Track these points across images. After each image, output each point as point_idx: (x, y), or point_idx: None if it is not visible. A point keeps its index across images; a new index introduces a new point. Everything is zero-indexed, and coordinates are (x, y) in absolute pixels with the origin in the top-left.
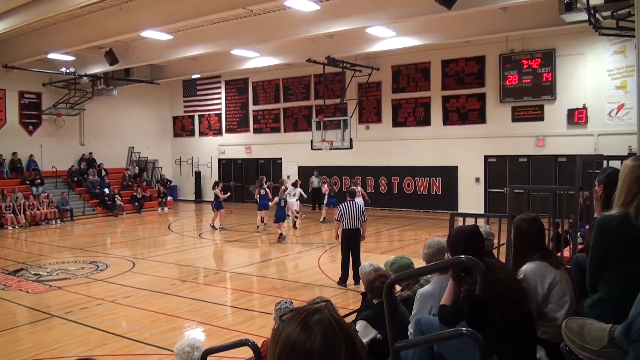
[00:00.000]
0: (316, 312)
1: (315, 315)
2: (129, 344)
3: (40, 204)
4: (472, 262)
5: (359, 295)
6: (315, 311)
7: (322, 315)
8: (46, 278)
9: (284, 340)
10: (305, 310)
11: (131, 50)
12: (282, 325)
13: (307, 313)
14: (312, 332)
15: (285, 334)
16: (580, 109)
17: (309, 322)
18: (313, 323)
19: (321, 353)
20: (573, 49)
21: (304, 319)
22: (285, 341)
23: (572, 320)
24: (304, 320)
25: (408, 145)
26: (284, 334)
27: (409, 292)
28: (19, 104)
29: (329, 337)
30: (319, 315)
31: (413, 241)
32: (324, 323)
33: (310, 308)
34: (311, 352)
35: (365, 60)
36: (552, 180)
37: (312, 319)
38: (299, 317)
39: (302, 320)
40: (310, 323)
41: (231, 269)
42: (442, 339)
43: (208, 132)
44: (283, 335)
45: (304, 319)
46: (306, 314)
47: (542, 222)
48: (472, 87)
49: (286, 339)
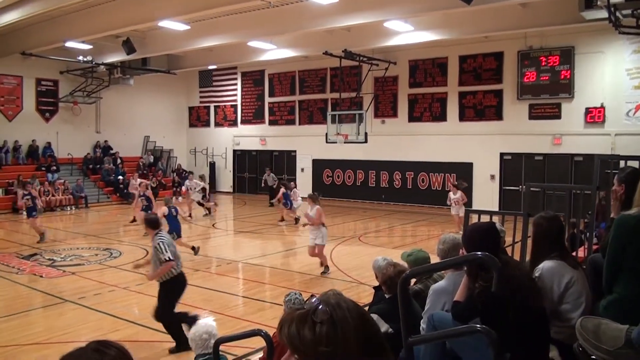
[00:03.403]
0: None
1: (345, 303)
2: (140, 331)
3: (56, 190)
4: (488, 258)
5: (372, 289)
6: (339, 294)
7: (349, 300)
8: (60, 263)
9: (350, 323)
10: (334, 299)
11: (148, 40)
12: (293, 324)
13: (339, 300)
14: (364, 310)
15: (344, 317)
16: (598, 107)
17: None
18: (346, 303)
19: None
20: (592, 47)
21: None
22: (347, 319)
23: (587, 319)
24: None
25: (423, 141)
26: (344, 317)
27: (421, 285)
28: (36, 91)
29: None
30: (348, 301)
31: (426, 237)
32: (357, 304)
33: (328, 296)
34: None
35: (382, 54)
36: (568, 179)
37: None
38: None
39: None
40: (345, 304)
41: (243, 259)
42: (455, 335)
43: (223, 123)
44: (343, 319)
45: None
46: (342, 297)
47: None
48: (490, 83)
49: (347, 319)
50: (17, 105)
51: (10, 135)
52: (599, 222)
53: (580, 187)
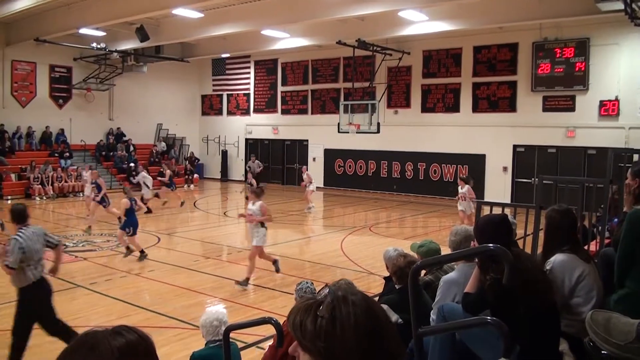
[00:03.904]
0: (351, 287)
1: (353, 296)
2: (151, 317)
3: (69, 176)
4: (500, 250)
5: (382, 280)
6: (350, 284)
7: (359, 293)
8: (72, 249)
9: (351, 319)
10: (341, 292)
11: (162, 28)
12: (305, 315)
13: (347, 294)
14: (372, 304)
15: (346, 313)
16: (612, 100)
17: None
18: (359, 300)
19: (386, 320)
20: (607, 39)
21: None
22: (355, 318)
23: (597, 313)
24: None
25: (436, 132)
26: (346, 314)
27: (431, 276)
28: (49, 77)
29: (376, 308)
30: (357, 295)
31: (437, 228)
32: (367, 297)
33: (338, 287)
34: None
35: (396, 44)
36: (581, 172)
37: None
38: (346, 297)
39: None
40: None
41: None
42: (466, 327)
43: (236, 112)
44: (345, 315)
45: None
46: (350, 290)
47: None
48: (504, 74)
49: (350, 316)
50: (30, 92)
51: (24, 121)
52: (612, 216)
53: (593, 181)
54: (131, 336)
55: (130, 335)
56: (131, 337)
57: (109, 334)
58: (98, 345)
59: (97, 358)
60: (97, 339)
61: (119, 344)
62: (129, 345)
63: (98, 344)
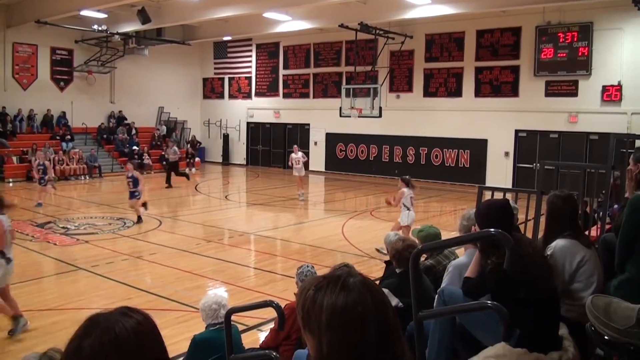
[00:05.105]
0: (350, 275)
1: (351, 278)
2: (152, 299)
3: (70, 159)
4: (501, 235)
5: (382, 264)
6: (349, 274)
7: (358, 277)
8: (74, 232)
9: (330, 307)
10: (339, 275)
11: (163, 10)
12: (319, 294)
13: (344, 277)
14: (360, 293)
15: (329, 300)
16: (615, 86)
17: (350, 285)
18: (354, 285)
19: (376, 311)
20: (611, 23)
21: (343, 283)
22: (332, 308)
23: (598, 298)
24: (344, 284)
25: (438, 116)
26: (328, 301)
27: (432, 261)
28: (50, 60)
29: (376, 295)
30: (356, 278)
31: (438, 212)
32: (366, 283)
33: (343, 272)
34: (367, 312)
35: (399, 27)
36: (583, 157)
37: (351, 282)
38: (337, 282)
39: (342, 285)
40: (353, 286)
41: (256, 231)
42: (466, 310)
43: (237, 95)
44: (327, 303)
45: (343, 283)
46: (344, 278)
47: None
48: (506, 59)
49: (332, 305)
50: (31, 74)
51: (25, 103)
52: (613, 202)
53: (595, 166)
54: (138, 316)
55: (137, 316)
56: (139, 317)
57: (119, 315)
58: (113, 327)
59: (114, 339)
60: (110, 321)
61: (131, 324)
62: (140, 325)
63: (112, 326)
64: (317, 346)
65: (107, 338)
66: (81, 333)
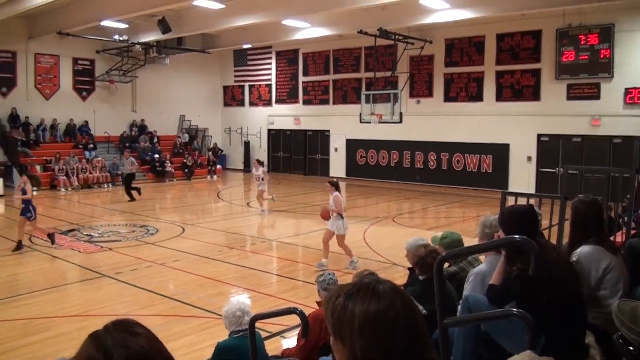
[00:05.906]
0: (379, 282)
1: (380, 285)
2: (176, 306)
3: (93, 168)
4: (526, 242)
5: (406, 270)
6: (378, 281)
7: (388, 284)
8: (97, 239)
9: (362, 313)
10: (368, 282)
11: (183, 19)
12: (350, 301)
13: (374, 284)
14: (391, 299)
15: (361, 307)
16: (638, 88)
17: (380, 292)
18: (384, 292)
19: (407, 317)
20: (632, 24)
21: (374, 290)
22: (364, 314)
23: (624, 303)
24: (374, 291)
25: (459, 121)
26: (359, 308)
27: (456, 267)
28: (72, 70)
29: (406, 301)
30: (386, 285)
31: (460, 219)
32: (396, 290)
33: (371, 279)
34: (398, 318)
35: (418, 32)
36: (607, 161)
37: (381, 288)
38: (367, 289)
39: (373, 292)
40: (383, 292)
41: (277, 238)
42: (491, 318)
43: (258, 103)
44: (359, 310)
45: (374, 290)
46: (374, 285)
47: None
48: (527, 62)
49: (365, 312)
50: (54, 84)
51: (48, 113)
52: (638, 206)
53: (619, 170)
54: (143, 330)
55: (141, 329)
56: (143, 330)
57: (128, 334)
58: (127, 346)
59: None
60: (126, 340)
61: (142, 342)
62: (149, 340)
63: (127, 345)
64: (349, 353)
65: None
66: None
